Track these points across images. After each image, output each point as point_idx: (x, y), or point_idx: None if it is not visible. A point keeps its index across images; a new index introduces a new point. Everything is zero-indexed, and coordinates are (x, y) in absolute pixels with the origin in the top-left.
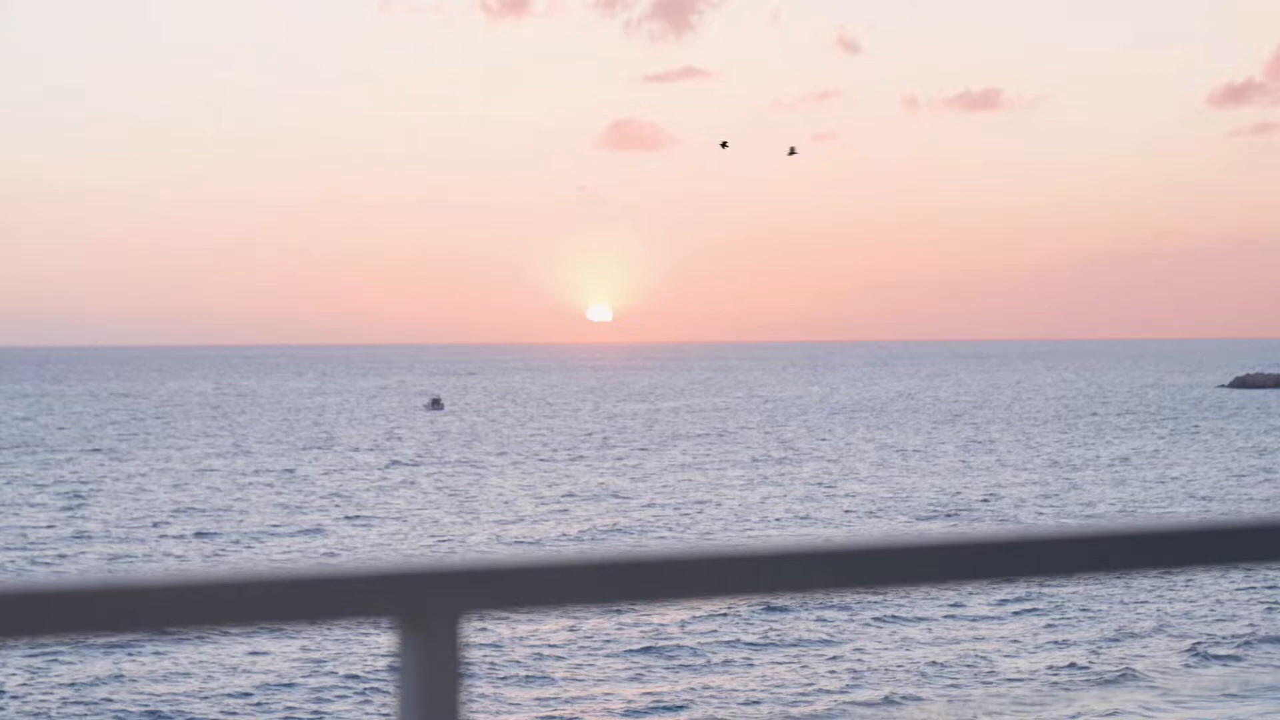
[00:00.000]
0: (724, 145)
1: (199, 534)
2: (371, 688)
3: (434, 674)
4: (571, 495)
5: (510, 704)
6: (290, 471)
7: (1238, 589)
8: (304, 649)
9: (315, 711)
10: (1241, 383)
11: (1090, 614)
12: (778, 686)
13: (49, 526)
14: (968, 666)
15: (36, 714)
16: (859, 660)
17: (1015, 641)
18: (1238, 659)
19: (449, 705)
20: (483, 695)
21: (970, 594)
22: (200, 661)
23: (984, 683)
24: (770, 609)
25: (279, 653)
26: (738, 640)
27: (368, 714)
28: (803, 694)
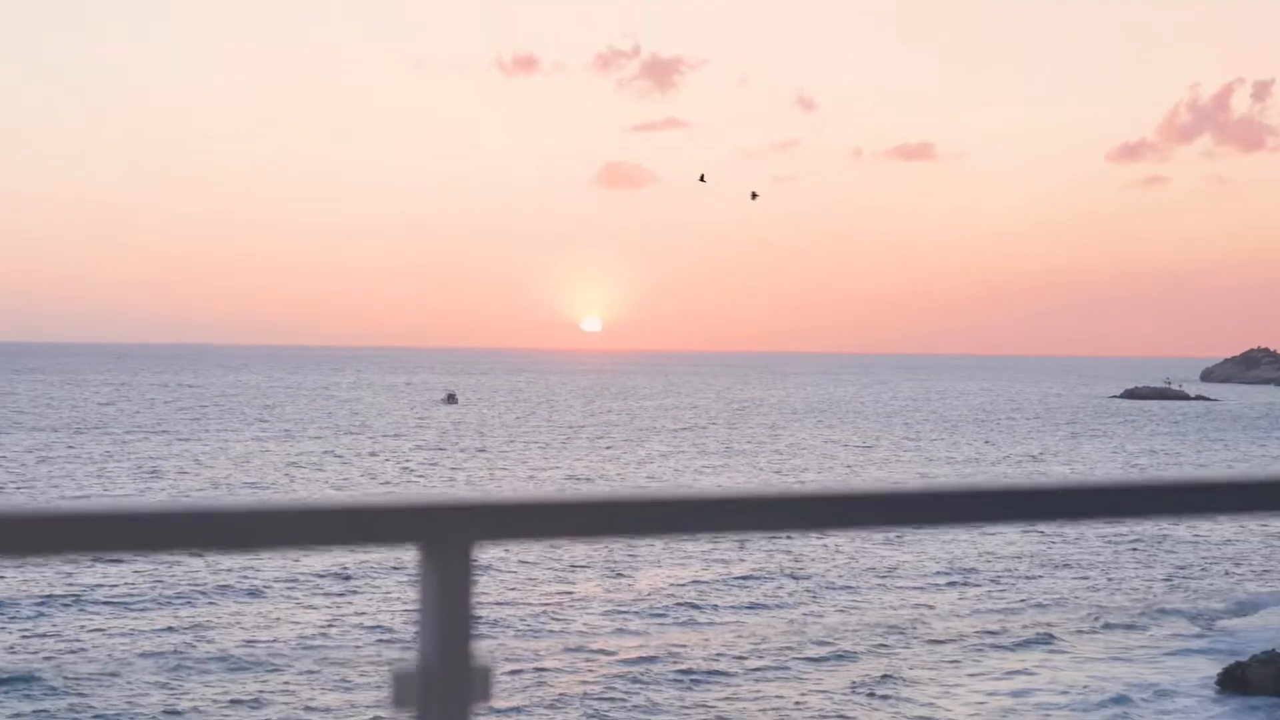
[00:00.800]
0: (702, 179)
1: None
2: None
3: (450, 590)
4: (569, 477)
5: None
6: (330, 453)
7: (1135, 565)
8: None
9: (354, 625)
10: (1130, 394)
11: (1004, 585)
12: (738, 639)
13: (124, 495)
14: (901, 631)
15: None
16: (807, 622)
17: (935, 608)
18: (1132, 627)
19: (463, 616)
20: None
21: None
22: (262, 608)
23: (914, 641)
24: (738, 578)
25: (325, 588)
26: (711, 604)
27: (399, 624)
28: (756, 649)
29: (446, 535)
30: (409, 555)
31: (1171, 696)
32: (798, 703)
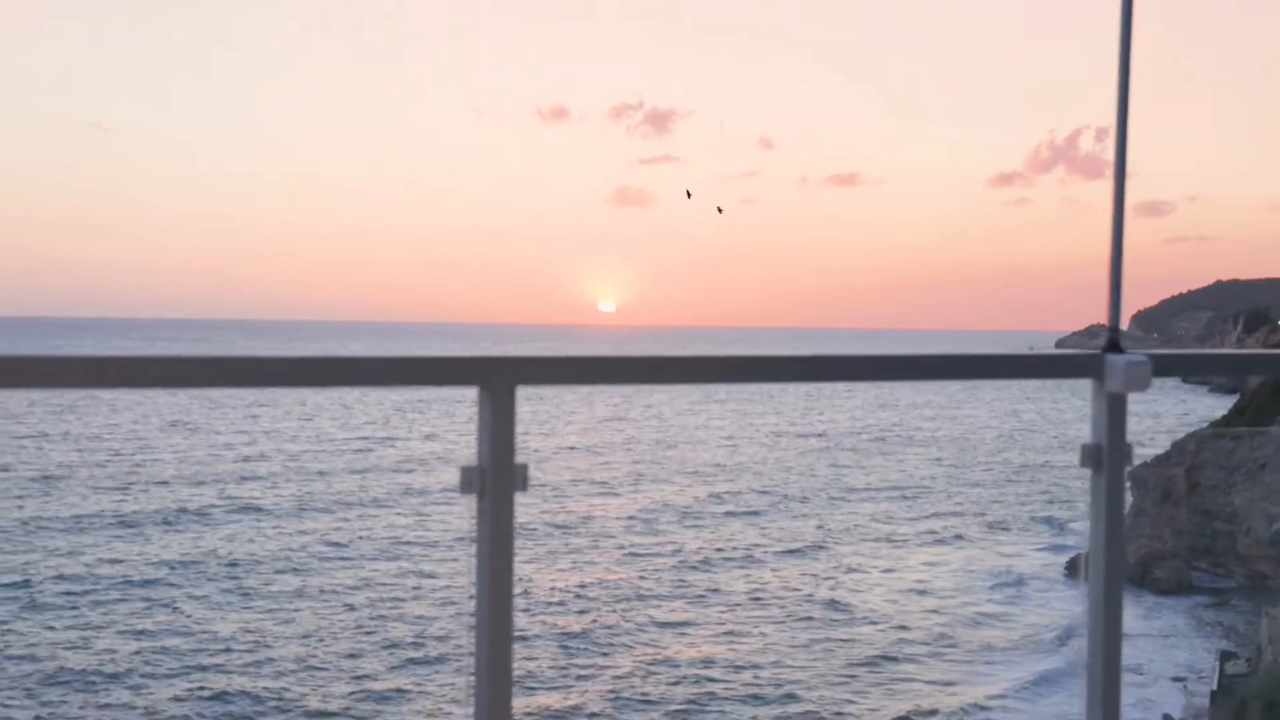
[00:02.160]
0: (688, 194)
1: (347, 435)
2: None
3: (499, 416)
4: (592, 417)
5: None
6: (421, 402)
7: (1016, 485)
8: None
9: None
10: None
11: (921, 499)
12: (719, 540)
13: (241, 432)
14: (845, 531)
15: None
16: (769, 524)
17: (870, 515)
18: (1011, 530)
19: (507, 433)
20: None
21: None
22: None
23: (853, 541)
24: (718, 494)
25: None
26: (698, 512)
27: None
28: (731, 543)
29: (497, 378)
30: (471, 392)
31: (1032, 580)
32: (766, 582)
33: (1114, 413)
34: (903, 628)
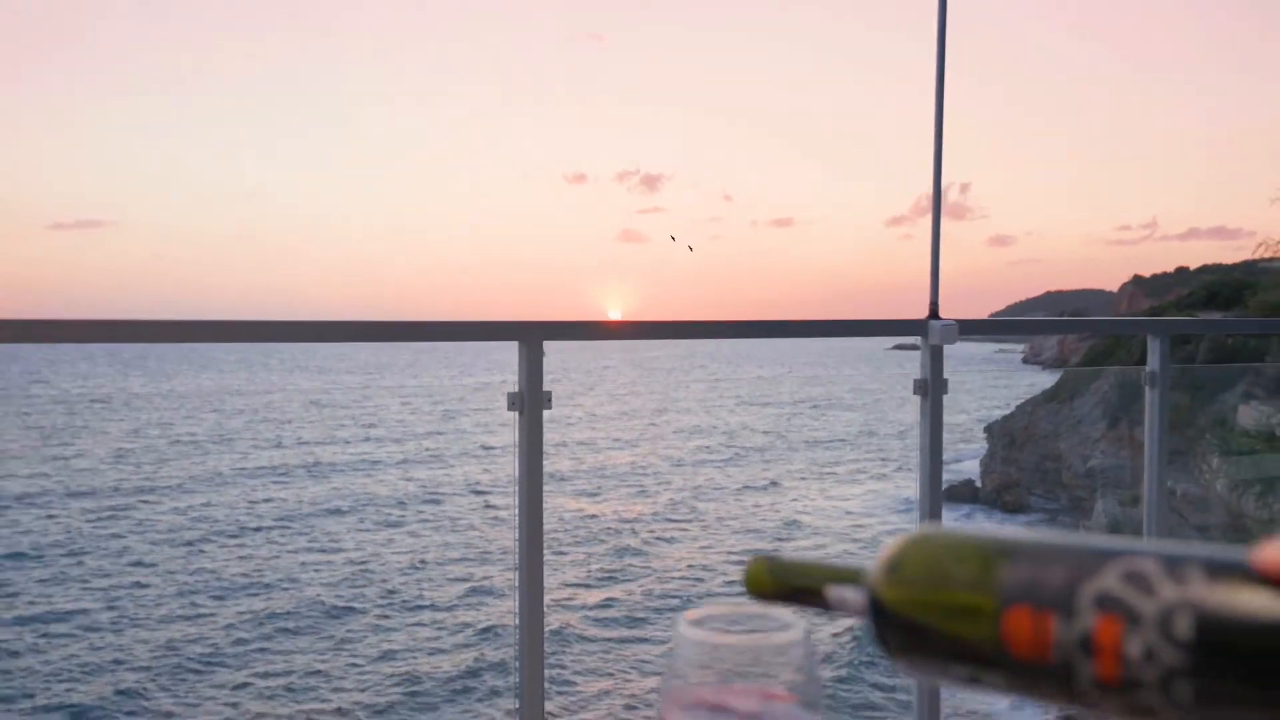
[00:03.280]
0: (673, 239)
1: (434, 407)
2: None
3: (532, 362)
4: (607, 395)
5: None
6: (488, 384)
7: (909, 435)
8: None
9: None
10: (898, 347)
11: (853, 447)
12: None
13: (360, 406)
14: (792, 472)
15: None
16: (736, 469)
17: (808, 460)
18: (911, 469)
19: (537, 372)
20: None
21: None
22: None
23: (796, 480)
24: (699, 448)
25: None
26: (680, 460)
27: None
28: (709, 482)
29: (530, 335)
30: (512, 347)
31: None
32: (737, 509)
33: (934, 359)
34: (838, 537)
